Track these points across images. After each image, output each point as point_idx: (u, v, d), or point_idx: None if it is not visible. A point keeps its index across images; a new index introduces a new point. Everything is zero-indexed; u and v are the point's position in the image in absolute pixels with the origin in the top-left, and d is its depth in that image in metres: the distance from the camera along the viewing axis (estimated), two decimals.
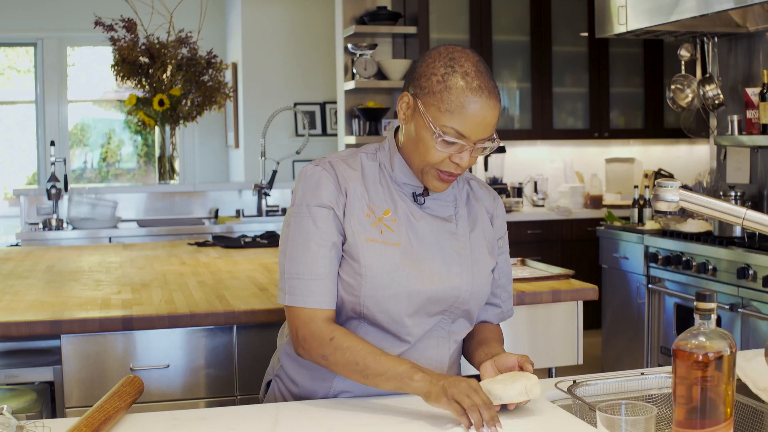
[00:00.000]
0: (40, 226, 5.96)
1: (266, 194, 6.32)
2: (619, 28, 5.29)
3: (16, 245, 5.61)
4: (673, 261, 4.89)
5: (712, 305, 1.48)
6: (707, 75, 5.49)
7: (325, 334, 2.01)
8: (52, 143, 6.23)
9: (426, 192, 2.14)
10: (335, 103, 8.33)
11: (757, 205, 5.21)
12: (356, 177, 2.09)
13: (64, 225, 5.94)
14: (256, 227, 5.85)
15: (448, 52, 2.01)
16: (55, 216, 5.91)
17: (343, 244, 2.07)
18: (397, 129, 2.17)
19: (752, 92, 5.02)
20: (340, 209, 2.06)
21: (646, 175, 6.57)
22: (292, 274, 2.05)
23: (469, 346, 2.26)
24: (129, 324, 2.78)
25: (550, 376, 3.30)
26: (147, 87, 6.55)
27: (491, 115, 1.98)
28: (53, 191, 5.83)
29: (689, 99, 5.60)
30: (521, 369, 1.99)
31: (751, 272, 4.29)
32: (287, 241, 2.09)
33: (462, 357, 2.31)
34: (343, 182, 2.07)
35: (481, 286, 2.16)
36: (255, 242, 4.71)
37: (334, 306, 2.07)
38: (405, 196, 2.12)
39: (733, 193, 4.91)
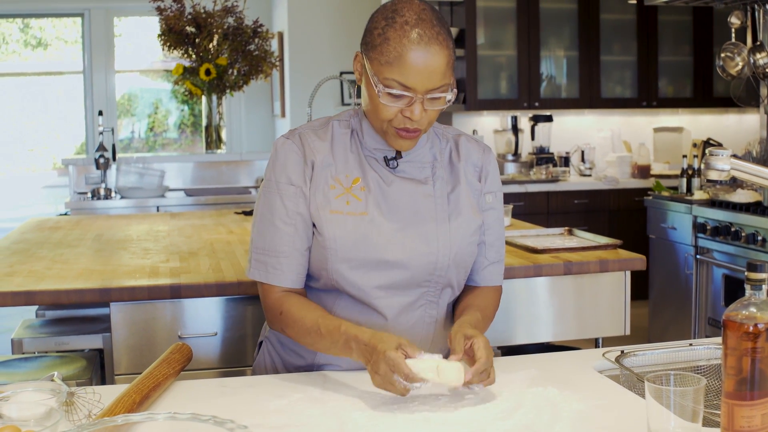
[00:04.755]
0: (89, 195, 6.02)
1: None
2: None
3: (65, 214, 5.67)
4: (722, 231, 4.84)
5: (764, 275, 1.46)
6: (758, 43, 5.40)
7: (276, 308, 2.03)
8: (100, 113, 6.29)
9: (399, 155, 2.07)
10: None
11: None
12: (324, 148, 2.05)
13: (113, 194, 6.00)
14: None
15: (392, 4, 1.94)
16: (103, 185, 5.97)
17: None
18: None
19: None
20: (306, 185, 2.03)
21: (694, 145, 6.50)
22: (259, 249, 2.06)
23: (455, 311, 2.17)
24: (177, 292, 2.81)
25: (596, 346, 3.29)
26: (193, 56, 6.58)
27: (435, 63, 1.89)
28: (101, 161, 5.88)
29: (739, 67, 5.52)
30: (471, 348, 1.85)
31: None
32: (256, 215, 2.10)
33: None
34: (309, 155, 2.04)
35: (462, 249, 2.07)
36: None
37: (299, 284, 2.06)
38: (377, 162, 2.07)
39: None
